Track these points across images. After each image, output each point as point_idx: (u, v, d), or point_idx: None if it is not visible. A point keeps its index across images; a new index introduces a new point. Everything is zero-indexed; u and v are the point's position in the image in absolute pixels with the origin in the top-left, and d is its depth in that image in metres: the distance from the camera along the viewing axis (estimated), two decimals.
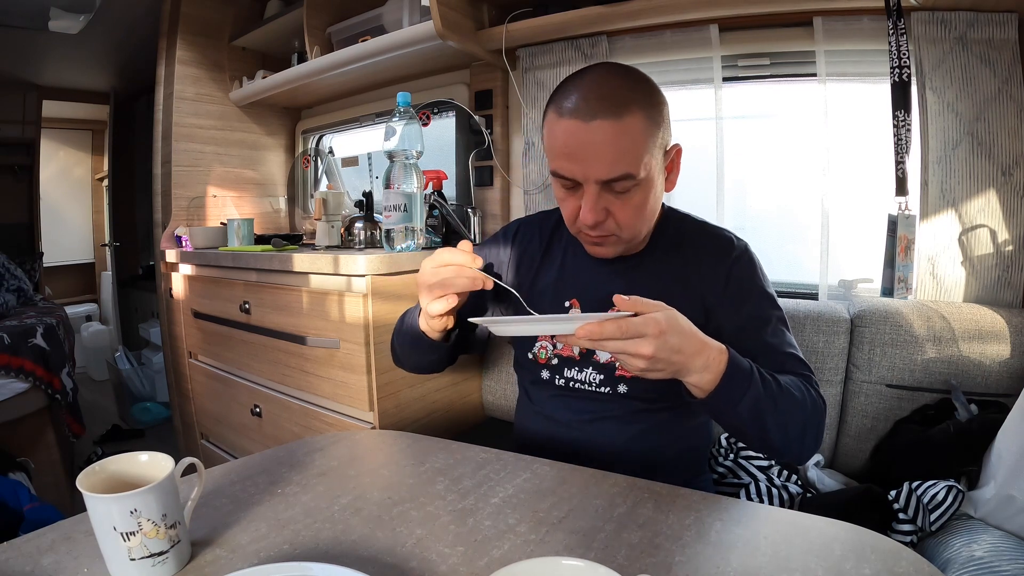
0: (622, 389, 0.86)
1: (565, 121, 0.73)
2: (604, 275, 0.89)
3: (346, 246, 1.63)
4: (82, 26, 2.37)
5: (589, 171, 0.73)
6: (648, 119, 0.73)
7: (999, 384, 1.04)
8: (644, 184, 0.75)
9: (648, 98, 0.74)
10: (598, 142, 0.71)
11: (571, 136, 0.72)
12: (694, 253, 0.86)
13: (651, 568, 0.50)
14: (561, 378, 0.90)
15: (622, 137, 0.71)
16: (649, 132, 0.73)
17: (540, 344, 0.91)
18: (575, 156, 0.72)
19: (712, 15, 1.35)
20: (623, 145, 0.71)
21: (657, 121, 0.74)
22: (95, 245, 4.27)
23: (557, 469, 0.71)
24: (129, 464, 0.54)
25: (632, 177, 0.73)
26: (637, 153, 0.72)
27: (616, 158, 0.71)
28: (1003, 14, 1.13)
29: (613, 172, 0.72)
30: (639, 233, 0.81)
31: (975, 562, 0.73)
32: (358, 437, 0.86)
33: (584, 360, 0.88)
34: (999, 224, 1.16)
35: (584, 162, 0.72)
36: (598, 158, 0.71)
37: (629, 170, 0.72)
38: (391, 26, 1.70)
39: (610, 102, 0.71)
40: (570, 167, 0.74)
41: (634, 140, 0.72)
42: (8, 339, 1.78)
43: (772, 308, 0.82)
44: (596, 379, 0.87)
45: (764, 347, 0.78)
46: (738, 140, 1.46)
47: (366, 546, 0.55)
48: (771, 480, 1.02)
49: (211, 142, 2.13)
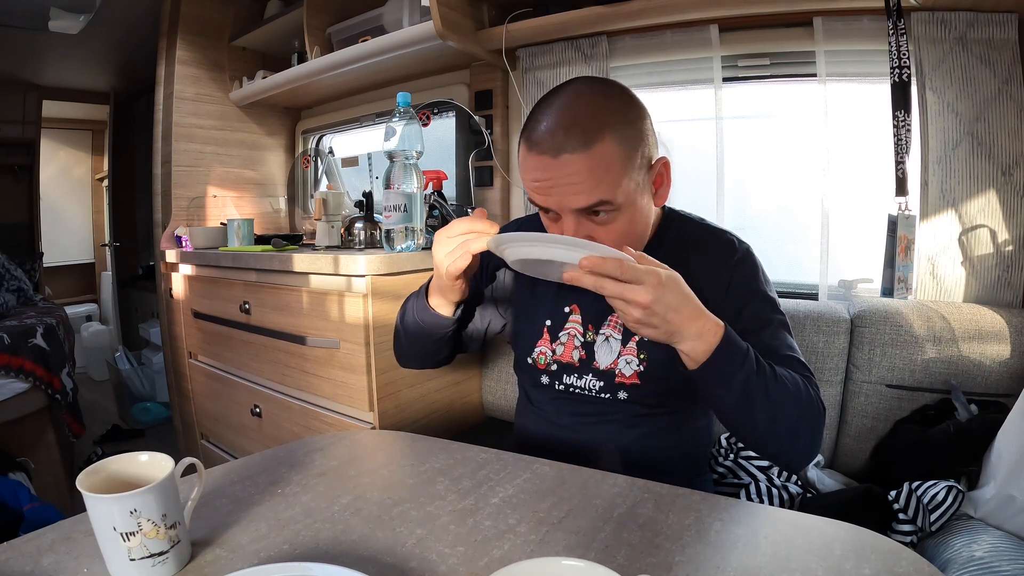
0: (622, 395, 0.85)
1: (534, 157, 0.72)
2: None
3: (346, 246, 1.63)
4: (82, 26, 2.37)
5: (563, 203, 0.72)
6: (621, 143, 0.70)
7: (999, 384, 1.04)
8: (625, 209, 0.73)
9: (621, 118, 0.72)
10: (569, 174, 0.69)
11: (541, 172, 0.71)
12: (696, 255, 0.84)
13: (651, 568, 0.50)
14: (561, 383, 0.89)
15: (594, 167, 0.69)
16: (625, 155, 0.71)
17: (539, 350, 0.90)
18: (547, 191, 0.72)
19: (712, 15, 1.35)
20: (597, 175, 0.69)
21: (633, 142, 0.72)
22: (95, 245, 4.27)
23: (557, 469, 0.71)
24: (129, 464, 0.54)
25: (609, 203, 0.71)
26: (612, 180, 0.70)
27: (591, 188, 0.70)
28: (1003, 14, 1.13)
29: (589, 201, 0.71)
30: None
31: (975, 562, 0.73)
32: (358, 437, 0.86)
33: (583, 366, 0.87)
34: (999, 224, 1.16)
35: (557, 196, 0.71)
36: (570, 191, 0.70)
37: (605, 197, 0.71)
38: (391, 26, 1.70)
39: (577, 132, 0.69)
40: (544, 200, 0.73)
41: (608, 167, 0.70)
42: (8, 339, 1.78)
43: (773, 311, 0.81)
44: (596, 385, 0.87)
45: (764, 349, 0.76)
46: (738, 140, 1.46)
47: (366, 546, 0.55)
48: (771, 480, 1.02)
49: (211, 142, 2.13)
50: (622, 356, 0.85)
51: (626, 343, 0.85)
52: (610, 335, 0.86)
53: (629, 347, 0.85)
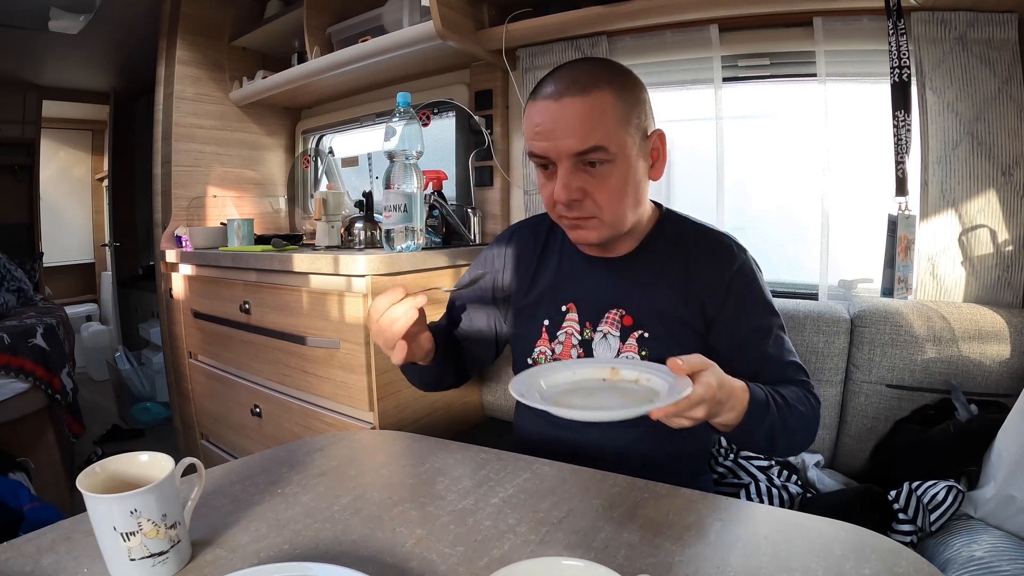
0: None
1: (538, 103, 0.76)
2: (600, 277, 0.88)
3: (346, 246, 1.63)
4: (82, 26, 2.37)
5: (560, 145, 0.74)
6: (619, 98, 0.75)
7: (999, 384, 1.04)
8: (620, 163, 0.76)
9: (621, 80, 0.77)
10: (568, 116, 0.73)
11: (542, 115, 0.75)
12: (694, 256, 0.85)
13: (651, 568, 0.50)
14: None
15: (591, 111, 0.73)
16: (621, 109, 0.75)
17: (539, 350, 0.91)
18: (547, 133, 0.75)
19: (712, 15, 1.35)
20: (593, 118, 0.73)
21: (630, 101, 0.76)
22: (95, 245, 4.27)
23: (557, 469, 0.71)
24: (129, 464, 0.54)
25: (604, 150, 0.74)
26: (608, 127, 0.74)
27: (586, 131, 0.73)
28: (1003, 14, 1.13)
29: (584, 144, 0.73)
30: (622, 218, 0.80)
31: (975, 562, 0.73)
32: (358, 437, 0.86)
33: None
34: (999, 224, 1.16)
35: (555, 137, 0.74)
36: (568, 132, 0.73)
37: (600, 142, 0.73)
38: (391, 26, 1.70)
39: (580, 81, 0.74)
40: (543, 144, 0.76)
41: (604, 114, 0.74)
42: (8, 339, 1.78)
43: (772, 317, 0.84)
44: None
45: (766, 358, 0.81)
46: (738, 140, 1.46)
47: (366, 546, 0.55)
48: (771, 480, 1.02)
49: (211, 142, 2.13)
50: (622, 353, 0.85)
51: (625, 340, 0.85)
52: (608, 332, 0.86)
53: (629, 344, 0.85)
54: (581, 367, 0.71)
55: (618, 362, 0.64)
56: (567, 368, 0.71)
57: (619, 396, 0.66)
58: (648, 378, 0.66)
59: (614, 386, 0.68)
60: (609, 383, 0.68)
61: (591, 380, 0.69)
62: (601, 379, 0.69)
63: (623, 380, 0.68)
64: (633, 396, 0.65)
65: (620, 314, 0.86)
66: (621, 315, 0.85)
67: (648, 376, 0.66)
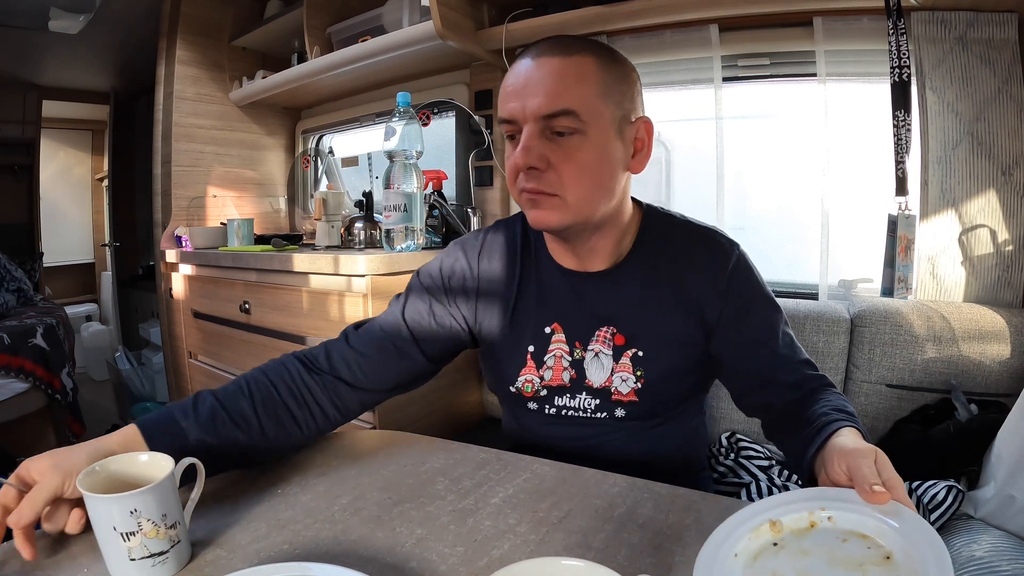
0: (620, 413, 0.79)
1: (516, 64, 0.69)
2: (586, 293, 0.79)
3: (346, 246, 1.63)
4: (82, 26, 2.37)
5: (528, 104, 0.66)
6: (601, 67, 0.68)
7: (999, 384, 1.04)
8: (592, 136, 0.67)
9: (607, 53, 0.70)
10: (542, 74, 0.66)
11: (518, 75, 0.68)
12: (686, 260, 0.78)
13: (651, 568, 0.50)
14: (551, 407, 0.81)
15: (567, 71, 0.66)
16: (601, 77, 0.67)
17: (524, 378, 0.81)
18: (518, 92, 0.67)
19: (712, 15, 1.35)
20: (568, 79, 0.66)
21: (615, 75, 0.69)
22: (95, 245, 4.26)
23: (557, 469, 0.71)
24: (129, 464, 0.54)
25: (574, 115, 0.65)
26: (583, 92, 0.66)
27: (558, 91, 0.65)
28: (1003, 14, 1.13)
29: (552, 106, 0.65)
30: (587, 202, 0.70)
31: (975, 562, 0.73)
32: (358, 437, 0.86)
33: (575, 386, 0.80)
34: (999, 224, 1.16)
35: (524, 96, 0.66)
36: (539, 90, 0.66)
37: (570, 105, 0.65)
38: (391, 26, 1.70)
39: (563, 44, 0.68)
40: (511, 106, 0.68)
41: (580, 77, 0.66)
42: (8, 339, 1.78)
43: (776, 313, 0.78)
44: (591, 404, 0.79)
45: (780, 359, 0.75)
46: (738, 140, 1.46)
47: (366, 546, 0.55)
48: (772, 480, 1.02)
49: (211, 142, 2.13)
50: (616, 373, 0.78)
51: (619, 359, 0.78)
52: (600, 351, 0.78)
53: (623, 363, 0.78)
54: (730, 541, 0.47)
55: (766, 508, 0.48)
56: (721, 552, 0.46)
57: (827, 561, 0.44)
58: (830, 516, 0.47)
59: (797, 542, 0.46)
60: (783, 544, 0.47)
61: (754, 546, 0.47)
62: (772, 544, 0.47)
63: (797, 530, 0.47)
64: (844, 557, 0.44)
65: (611, 332, 0.78)
66: (612, 333, 0.78)
67: (829, 513, 0.47)
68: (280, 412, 0.70)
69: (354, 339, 0.79)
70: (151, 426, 0.62)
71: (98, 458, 0.54)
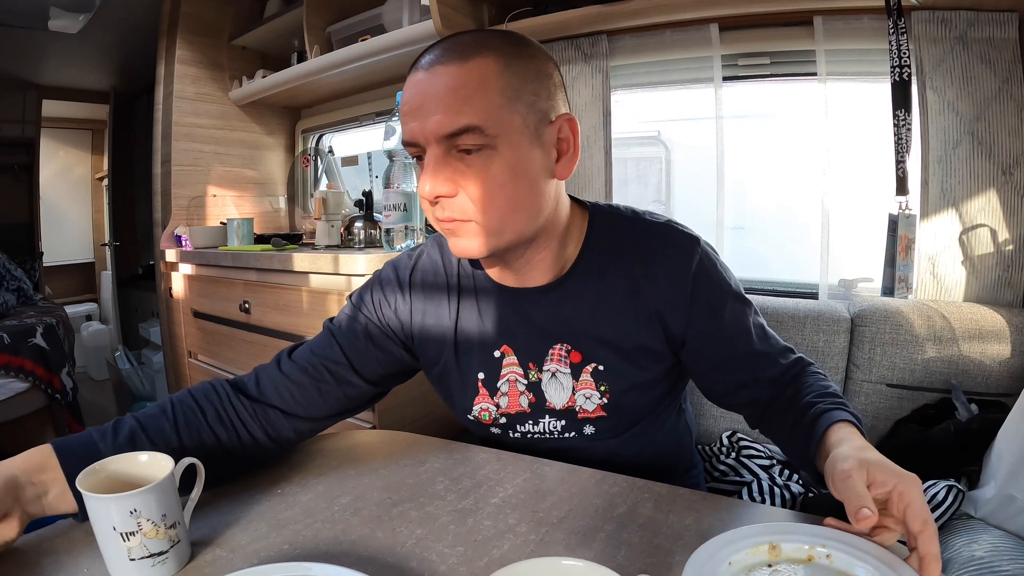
0: (589, 430, 0.74)
1: (411, 76, 0.62)
2: (530, 311, 0.72)
3: (346, 246, 1.63)
4: (82, 26, 2.37)
5: (427, 125, 0.59)
6: (507, 67, 0.60)
7: (999, 384, 1.04)
8: (503, 150, 0.60)
9: (514, 48, 0.61)
10: (438, 89, 0.58)
11: (412, 90, 0.61)
12: (641, 265, 0.70)
13: (651, 568, 0.50)
14: (515, 432, 0.77)
15: (466, 81, 0.58)
16: (506, 80, 0.59)
17: (480, 407, 0.76)
18: (414, 111, 0.60)
19: (712, 14, 1.35)
20: (466, 90, 0.58)
21: (524, 74, 0.61)
22: (95, 245, 4.26)
23: (557, 469, 0.70)
24: (129, 464, 0.54)
25: (479, 131, 0.58)
26: (486, 101, 0.58)
27: (458, 106, 0.58)
28: (1003, 13, 1.13)
29: (452, 124, 0.58)
30: (504, 222, 0.63)
31: (975, 562, 0.73)
32: (358, 437, 0.86)
33: (537, 410, 0.74)
34: (999, 224, 1.16)
35: (422, 115, 0.59)
36: (436, 107, 0.58)
37: (472, 121, 0.58)
38: (391, 25, 1.70)
39: (459, 46, 0.60)
40: (410, 126, 0.61)
41: (482, 84, 0.58)
42: (8, 339, 1.78)
43: (745, 307, 0.73)
44: (557, 427, 0.75)
45: (758, 358, 0.72)
46: (738, 140, 1.46)
47: (366, 546, 0.55)
48: (773, 479, 1.02)
49: (211, 141, 2.13)
50: (578, 391, 0.72)
51: (578, 376, 0.72)
52: (557, 370, 0.73)
53: (583, 380, 0.72)
54: (728, 549, 0.48)
55: (770, 530, 0.47)
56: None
57: None
58: (829, 554, 0.47)
59: (791, 571, 0.47)
60: (777, 569, 0.47)
61: (749, 561, 0.47)
62: (767, 565, 0.47)
63: (794, 559, 0.48)
64: None
65: (566, 349, 0.72)
66: (567, 351, 0.72)
67: (829, 552, 0.47)
68: (204, 434, 0.65)
69: (286, 365, 0.74)
70: (66, 447, 0.58)
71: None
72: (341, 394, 0.75)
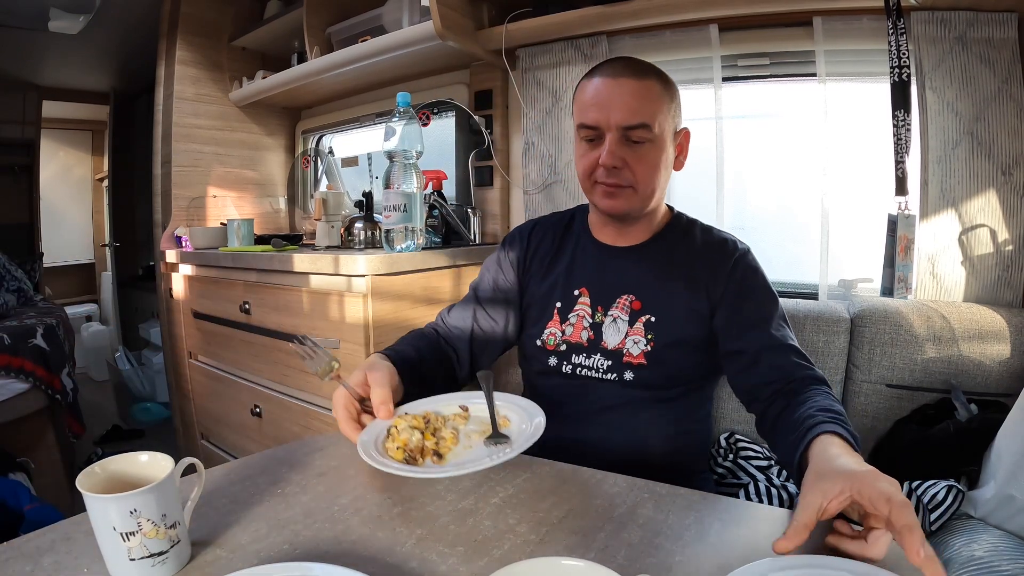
0: (628, 376, 0.89)
1: (595, 80, 0.86)
2: (613, 265, 0.94)
3: (346, 246, 1.63)
4: (82, 26, 2.38)
5: (612, 117, 0.83)
6: (663, 89, 0.86)
7: (999, 384, 1.04)
8: (658, 143, 0.85)
9: (665, 77, 0.88)
10: (623, 93, 0.84)
11: (599, 90, 0.85)
12: (699, 250, 0.92)
13: (651, 568, 0.50)
14: (569, 364, 0.92)
15: (643, 93, 0.84)
16: (664, 99, 0.86)
17: (549, 331, 0.95)
18: (602, 105, 0.84)
19: (712, 15, 1.35)
20: (643, 99, 0.84)
21: (671, 96, 0.87)
22: (95, 245, 4.27)
23: (557, 469, 0.71)
24: (129, 464, 0.54)
25: (648, 128, 0.83)
26: (653, 110, 0.84)
27: (637, 108, 0.83)
28: (1003, 14, 1.13)
29: (633, 119, 0.83)
30: (651, 193, 0.88)
31: (975, 562, 0.73)
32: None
33: (592, 347, 0.91)
34: (999, 224, 1.16)
35: (609, 110, 0.84)
36: (621, 107, 0.83)
37: (646, 120, 0.83)
38: (391, 26, 1.70)
39: (634, 67, 0.86)
40: (596, 115, 0.84)
41: (652, 98, 0.84)
42: (8, 339, 1.78)
43: (773, 304, 0.88)
44: (604, 365, 0.90)
45: (768, 340, 0.83)
46: (738, 140, 1.46)
47: (366, 546, 0.55)
48: (770, 480, 1.02)
49: (211, 142, 2.13)
50: (629, 336, 0.89)
51: (633, 323, 0.90)
52: (618, 316, 0.91)
53: (636, 327, 0.90)
54: None
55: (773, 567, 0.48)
56: None
57: None
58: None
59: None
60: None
61: None
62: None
63: None
64: None
65: (630, 299, 0.91)
66: (631, 300, 0.91)
67: None
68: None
69: None
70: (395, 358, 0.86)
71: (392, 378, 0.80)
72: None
